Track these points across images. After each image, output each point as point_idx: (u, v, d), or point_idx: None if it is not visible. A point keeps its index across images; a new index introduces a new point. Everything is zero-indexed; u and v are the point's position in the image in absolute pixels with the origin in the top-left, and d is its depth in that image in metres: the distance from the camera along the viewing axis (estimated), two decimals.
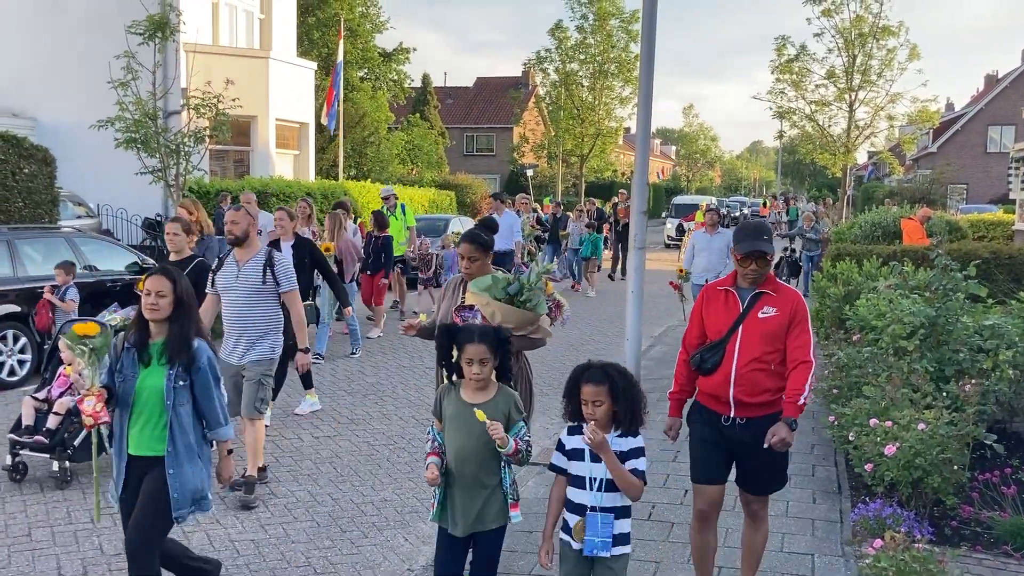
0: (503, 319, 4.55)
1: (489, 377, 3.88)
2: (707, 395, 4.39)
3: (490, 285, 4.68)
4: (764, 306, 4.21)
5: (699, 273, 11.22)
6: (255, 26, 22.24)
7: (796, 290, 4.34)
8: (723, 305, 4.32)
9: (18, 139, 13.42)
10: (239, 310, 6.22)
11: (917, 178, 44.19)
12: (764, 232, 4.29)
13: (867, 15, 29.77)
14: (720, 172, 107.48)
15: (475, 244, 4.96)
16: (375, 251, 12.41)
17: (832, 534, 5.54)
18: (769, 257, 4.21)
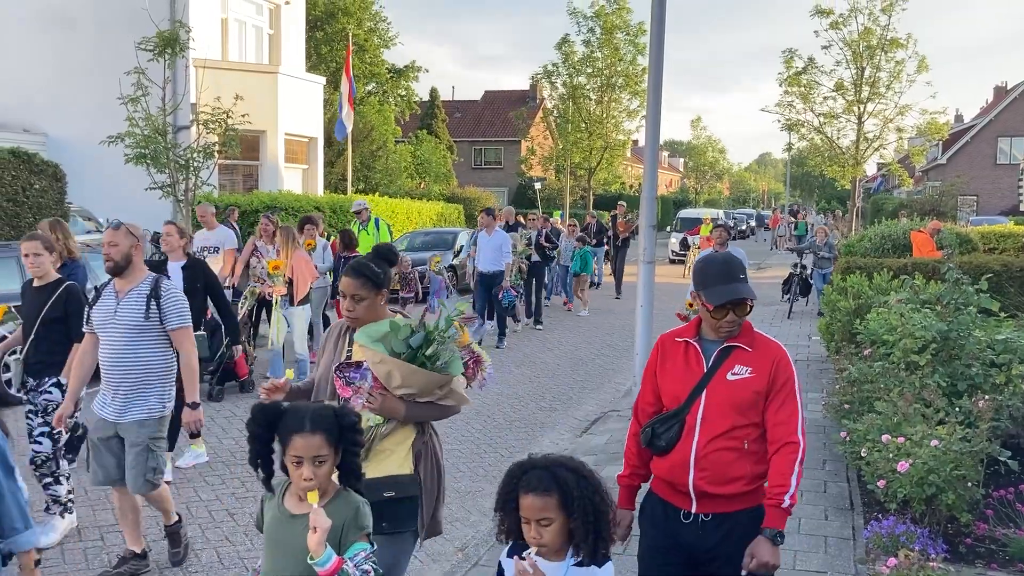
0: (402, 382, 3.43)
1: (327, 479, 2.82)
2: (662, 482, 3.40)
3: (386, 334, 3.49)
4: (735, 364, 3.23)
5: None
6: (264, 41, 22.37)
7: (777, 342, 3.32)
8: (682, 362, 3.32)
9: (29, 155, 13.54)
10: (116, 353, 4.93)
11: (927, 190, 44.08)
12: (739, 270, 3.27)
13: (875, 27, 29.77)
14: (728, 184, 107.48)
15: (360, 278, 3.63)
16: None
17: (845, 551, 5.49)
18: (750, 302, 3.23)
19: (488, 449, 7.93)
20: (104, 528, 5.83)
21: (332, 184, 28.55)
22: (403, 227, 24.68)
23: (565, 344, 13.67)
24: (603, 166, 38.30)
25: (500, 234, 12.97)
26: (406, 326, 3.52)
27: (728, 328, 3.25)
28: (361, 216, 13.44)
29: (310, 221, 11.64)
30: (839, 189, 49.50)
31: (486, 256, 12.79)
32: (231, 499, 6.42)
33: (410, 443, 3.60)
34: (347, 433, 2.82)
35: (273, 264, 9.81)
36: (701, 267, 3.32)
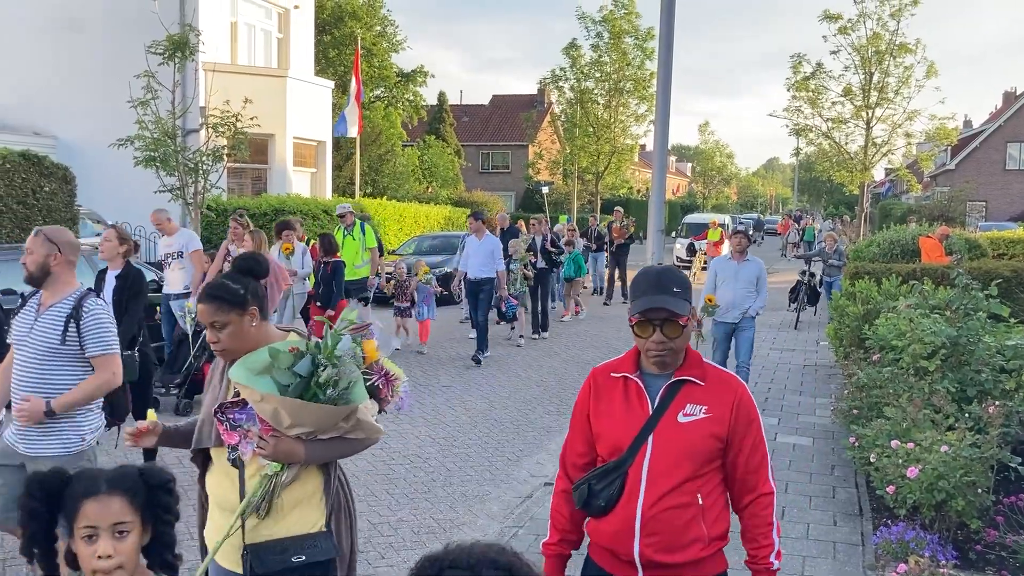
0: (292, 420, 2.83)
1: (132, 558, 2.17)
2: (601, 549, 2.83)
3: (267, 365, 2.88)
4: (687, 403, 2.69)
5: (722, 311, 9.32)
6: (273, 45, 22.43)
7: (734, 375, 2.83)
8: (621, 402, 2.75)
9: (39, 157, 13.58)
10: (25, 374, 4.22)
11: (935, 196, 43.95)
12: (674, 283, 2.71)
13: (884, 32, 29.71)
14: (736, 189, 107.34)
15: (213, 302, 2.97)
16: (324, 279, 11.08)
17: (854, 557, 5.47)
18: (683, 320, 2.67)
19: (495, 453, 7.92)
20: None
21: (340, 188, 28.62)
22: (411, 231, 24.71)
23: (572, 348, 13.66)
24: (611, 171, 38.26)
25: (491, 239, 12.41)
26: (286, 353, 2.85)
27: (657, 352, 2.67)
28: (345, 220, 12.76)
29: (287, 227, 11.12)
30: (847, 194, 49.37)
31: (475, 262, 12.22)
32: None
33: (320, 491, 3.04)
34: (157, 495, 2.22)
35: None
36: (635, 278, 2.81)
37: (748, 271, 9.32)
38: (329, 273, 11.02)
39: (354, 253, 12.35)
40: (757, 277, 9.31)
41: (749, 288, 9.23)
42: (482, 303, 12.16)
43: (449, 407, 9.51)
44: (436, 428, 8.65)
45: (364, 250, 12.61)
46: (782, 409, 9.48)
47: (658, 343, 2.69)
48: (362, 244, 12.60)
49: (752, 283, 9.27)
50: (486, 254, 12.15)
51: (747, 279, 9.26)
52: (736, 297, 9.23)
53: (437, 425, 8.76)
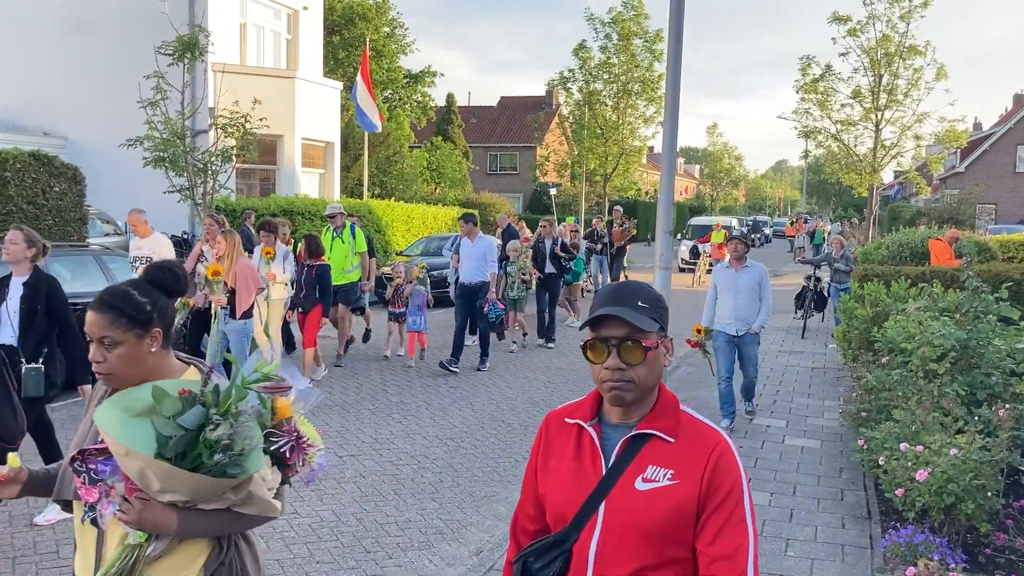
0: (162, 485, 2.23)
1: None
2: None
3: (149, 407, 2.27)
4: (648, 464, 2.10)
5: (723, 322, 8.74)
6: (282, 46, 22.49)
7: (715, 428, 2.18)
8: (571, 458, 2.20)
9: (49, 158, 13.65)
10: None
11: (944, 198, 43.79)
12: (638, 294, 2.17)
13: (893, 35, 29.62)
14: (744, 191, 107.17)
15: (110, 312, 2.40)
16: (307, 283, 10.37)
17: (863, 560, 5.45)
18: (647, 342, 2.10)
19: (503, 454, 7.92)
20: None
21: (348, 189, 28.66)
22: (419, 232, 24.72)
23: (580, 349, 13.62)
24: (619, 172, 38.22)
25: (484, 241, 11.84)
26: (174, 397, 2.26)
27: (613, 383, 2.09)
28: (335, 221, 12.01)
29: (266, 227, 10.33)
30: (856, 197, 49.24)
31: (468, 266, 11.66)
32: None
33: (200, 565, 2.41)
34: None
35: (212, 269, 8.64)
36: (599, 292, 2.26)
37: (748, 278, 8.69)
38: (314, 277, 10.33)
39: (343, 257, 11.80)
40: (759, 284, 8.67)
41: (751, 296, 8.63)
42: (478, 309, 11.69)
43: (456, 407, 9.51)
44: (443, 428, 8.66)
45: (354, 254, 12.02)
46: (790, 412, 9.46)
47: (613, 370, 2.08)
48: (352, 247, 12.00)
49: (754, 291, 8.64)
50: (478, 257, 11.64)
51: (748, 287, 8.65)
52: (738, 307, 8.64)
53: (444, 426, 8.76)
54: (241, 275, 8.75)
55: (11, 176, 12.77)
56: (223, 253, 8.79)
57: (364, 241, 12.29)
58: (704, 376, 11.38)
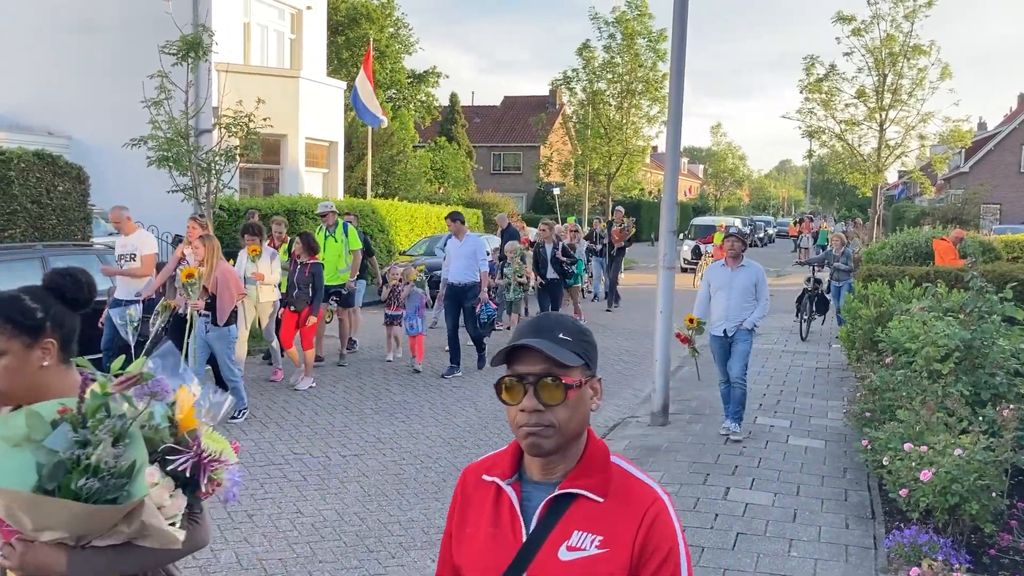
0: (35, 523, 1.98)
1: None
2: None
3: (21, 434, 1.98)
4: (574, 529, 1.83)
5: (716, 322, 8.37)
6: (286, 46, 22.50)
7: (652, 485, 1.89)
8: (488, 521, 1.93)
9: (53, 157, 13.67)
10: None
11: (949, 198, 43.74)
12: (561, 326, 1.89)
13: (898, 34, 29.58)
14: (748, 191, 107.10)
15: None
16: (300, 282, 10.07)
17: (866, 561, 5.44)
18: (569, 379, 1.82)
19: None
20: None
21: (352, 188, 28.68)
22: (422, 232, 24.73)
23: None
24: (622, 172, 38.26)
25: (472, 240, 11.57)
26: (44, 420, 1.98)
27: (530, 430, 1.81)
28: (327, 220, 11.80)
29: (250, 231, 10.10)
30: (860, 197, 49.16)
31: (457, 265, 11.35)
32: (250, 499, 6.45)
33: None
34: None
35: (186, 272, 8.31)
36: None
37: (744, 278, 8.22)
38: (307, 276, 10.07)
39: (336, 256, 11.59)
40: (755, 284, 8.22)
41: (746, 297, 8.20)
42: (467, 310, 11.35)
43: (459, 407, 9.51)
44: (447, 428, 8.65)
45: (347, 253, 11.80)
46: (794, 412, 9.44)
47: (530, 411, 1.80)
48: (345, 246, 11.76)
49: (749, 291, 8.21)
50: (467, 256, 11.29)
51: (743, 287, 8.20)
52: (731, 307, 8.23)
53: (447, 425, 8.76)
54: (223, 280, 8.45)
55: (15, 175, 12.79)
56: (203, 258, 8.54)
57: (358, 239, 12.06)
58: (706, 376, 11.35)
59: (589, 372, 1.88)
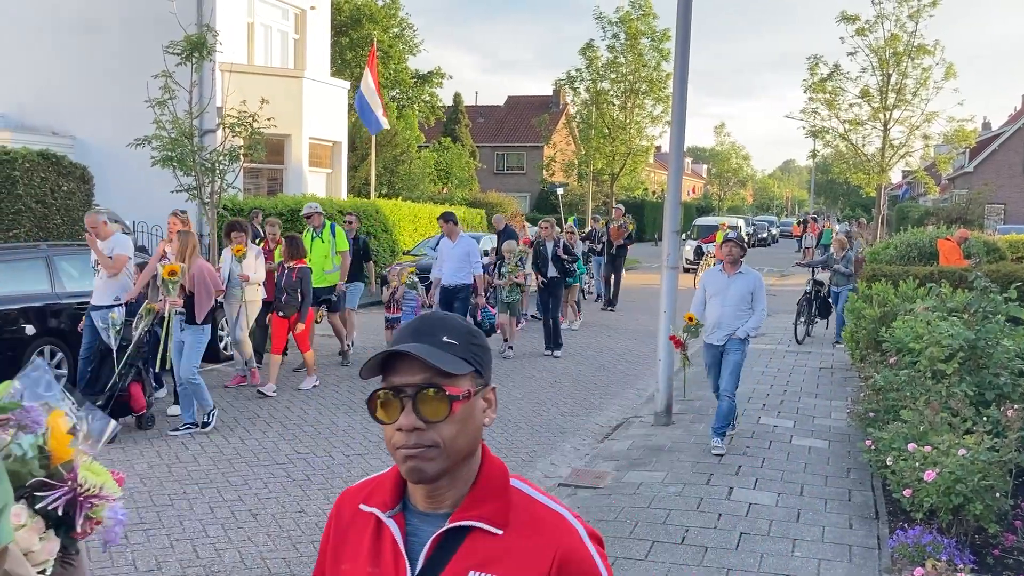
0: None
1: None
2: None
3: None
4: (468, 569, 1.53)
5: (709, 330, 8.00)
6: (289, 46, 22.52)
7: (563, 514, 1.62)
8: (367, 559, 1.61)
9: (57, 157, 13.72)
10: None
11: (953, 198, 43.66)
12: (445, 328, 1.60)
13: (902, 34, 29.54)
14: (752, 191, 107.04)
15: None
16: (288, 286, 9.76)
17: (870, 561, 5.43)
18: (455, 390, 1.54)
19: (509, 454, 7.92)
20: (128, 526, 5.87)
21: (356, 188, 28.70)
22: (426, 231, 24.73)
23: (587, 350, 13.63)
24: (626, 172, 38.22)
25: (465, 241, 11.34)
26: None
27: (409, 453, 1.53)
28: (313, 221, 11.51)
29: (236, 228, 10.01)
30: (864, 197, 49.11)
31: (449, 267, 11.21)
32: (253, 499, 6.46)
33: None
34: None
35: (168, 268, 8.15)
36: None
37: (741, 285, 7.83)
38: (295, 280, 9.74)
39: (323, 257, 11.26)
40: (751, 292, 7.82)
41: (741, 305, 7.79)
42: (458, 312, 10.84)
43: None
44: None
45: (334, 254, 11.43)
46: (798, 412, 9.44)
47: (408, 431, 1.52)
48: (332, 248, 11.40)
49: (745, 299, 7.80)
50: (460, 257, 11.12)
51: (739, 294, 7.79)
52: (725, 315, 7.83)
53: None
54: (199, 278, 8.19)
55: (20, 175, 12.82)
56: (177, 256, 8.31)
57: (345, 240, 11.67)
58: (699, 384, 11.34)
59: (481, 380, 1.60)
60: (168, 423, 8.47)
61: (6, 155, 12.86)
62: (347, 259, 11.65)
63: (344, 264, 11.58)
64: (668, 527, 5.93)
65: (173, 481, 6.80)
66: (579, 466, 7.56)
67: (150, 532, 5.78)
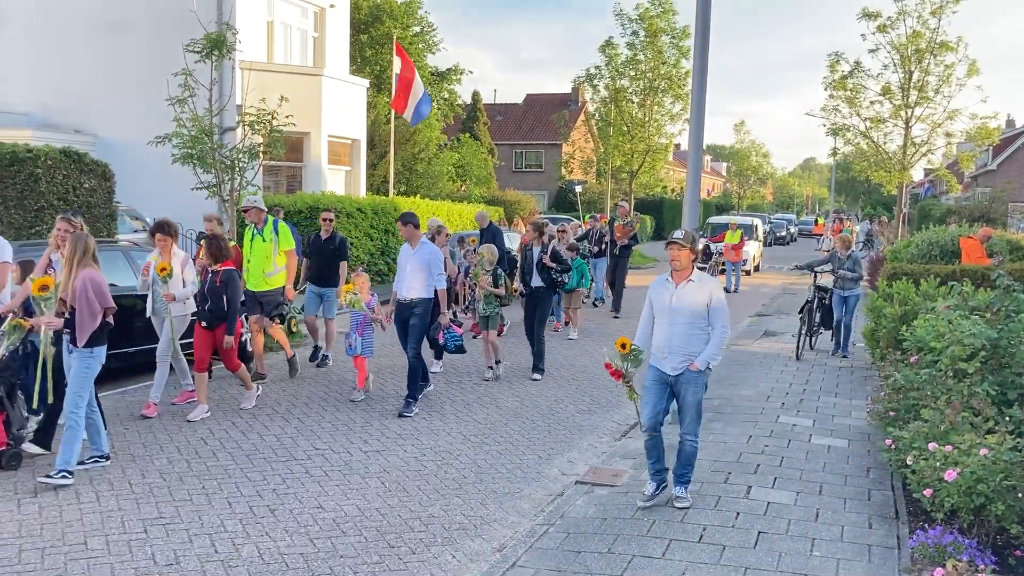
0: None
1: None
2: None
3: None
4: None
5: (655, 355, 6.39)
6: (309, 44, 22.62)
7: None
8: None
9: (79, 155, 13.81)
10: None
11: (976, 196, 43.24)
12: None
13: (924, 30, 29.29)
14: (772, 189, 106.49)
15: None
16: (212, 293, 8.48)
17: (889, 561, 5.39)
18: None
19: (527, 450, 7.91)
20: (148, 521, 5.91)
21: (375, 186, 28.78)
22: None
23: (604, 347, 13.57)
24: (645, 170, 38.12)
25: (427, 248, 9.37)
26: None
27: None
28: (251, 216, 10.12)
29: (162, 229, 8.80)
30: (885, 195, 48.69)
31: (407, 279, 9.30)
32: (272, 495, 6.48)
33: None
34: None
35: (40, 282, 6.82)
36: None
37: (692, 297, 6.19)
38: (219, 285, 8.47)
39: (264, 258, 10.01)
40: (707, 305, 6.16)
41: (693, 323, 6.18)
42: (413, 331, 9.18)
43: (480, 404, 9.51)
44: (467, 425, 8.66)
45: (277, 254, 10.13)
46: (817, 411, 9.38)
47: None
48: (275, 246, 10.11)
49: (699, 316, 6.17)
50: (420, 267, 9.25)
51: (689, 310, 6.17)
52: (674, 337, 6.21)
53: (468, 422, 8.76)
54: (81, 292, 6.63)
55: (42, 173, 12.93)
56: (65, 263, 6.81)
57: (291, 238, 10.33)
58: (728, 374, 11.30)
59: None
60: None
61: (29, 153, 12.98)
62: (294, 259, 10.41)
63: (291, 266, 10.31)
64: (685, 525, 5.91)
65: (192, 476, 6.84)
66: (596, 464, 7.55)
67: (169, 527, 5.82)
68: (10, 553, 5.33)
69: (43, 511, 6.02)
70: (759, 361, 12.47)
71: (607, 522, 6.00)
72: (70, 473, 6.52)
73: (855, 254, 13.09)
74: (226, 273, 8.55)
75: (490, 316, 10.98)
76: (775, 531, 5.82)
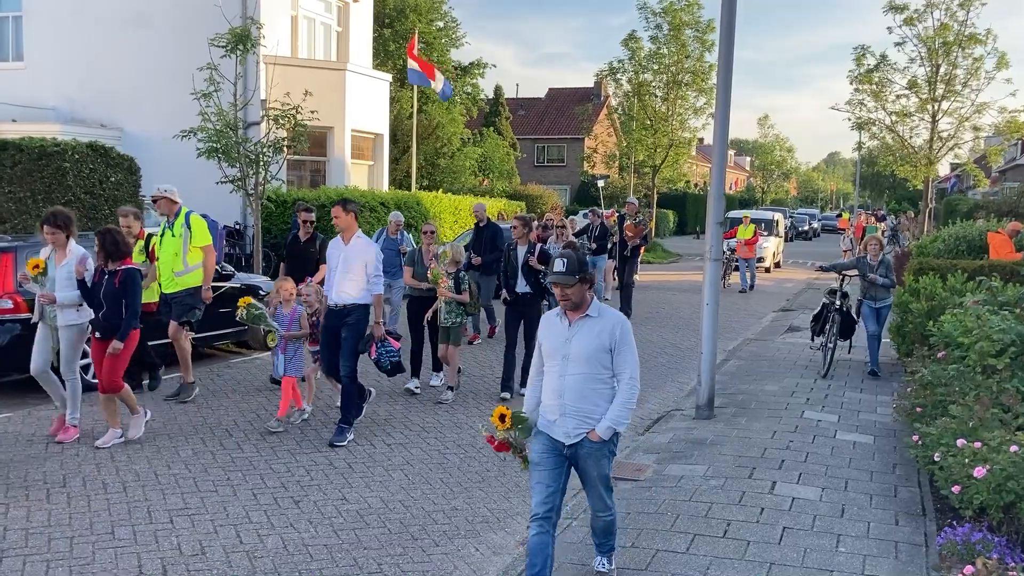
0: None
1: None
2: None
3: None
4: None
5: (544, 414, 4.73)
6: (332, 39, 22.68)
7: None
8: None
9: (106, 149, 13.96)
10: None
11: (1004, 191, 42.71)
12: None
13: (952, 23, 28.96)
14: (796, 184, 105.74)
15: None
16: (108, 297, 7.17)
17: (917, 558, 5.34)
18: None
19: None
20: (174, 511, 5.96)
21: (397, 181, 28.84)
22: (467, 223, 24.75)
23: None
24: (668, 164, 37.94)
25: (362, 244, 7.82)
26: None
27: None
28: (160, 207, 8.99)
29: (50, 221, 7.38)
30: (911, 190, 48.21)
31: (338, 280, 7.75)
32: (296, 486, 6.52)
33: None
34: None
35: (33, 262, 6.60)
36: None
37: (586, 340, 4.59)
38: (117, 287, 7.16)
39: (173, 255, 8.88)
40: (608, 349, 4.58)
41: (591, 373, 4.59)
42: (346, 344, 7.73)
43: (500, 400, 9.51)
44: None
45: (187, 250, 8.92)
46: (842, 406, 9.30)
47: None
48: (186, 242, 8.90)
49: (596, 364, 4.59)
50: (350, 266, 7.71)
51: (585, 356, 4.58)
52: (566, 389, 4.60)
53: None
54: None
55: (70, 167, 13.07)
56: None
57: (206, 233, 9.07)
58: (752, 369, 11.23)
59: None
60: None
61: (56, 147, 13.12)
62: (211, 257, 9.11)
63: (208, 264, 9.03)
64: (710, 520, 5.88)
65: (217, 467, 6.89)
66: (620, 458, 7.53)
67: (195, 517, 5.86)
68: (40, 542, 5.40)
69: (72, 501, 6.08)
70: (783, 356, 12.38)
71: (630, 516, 5.99)
72: None
73: (887, 258, 11.39)
74: (126, 273, 7.20)
75: (451, 328, 9.39)
76: (800, 527, 5.78)
